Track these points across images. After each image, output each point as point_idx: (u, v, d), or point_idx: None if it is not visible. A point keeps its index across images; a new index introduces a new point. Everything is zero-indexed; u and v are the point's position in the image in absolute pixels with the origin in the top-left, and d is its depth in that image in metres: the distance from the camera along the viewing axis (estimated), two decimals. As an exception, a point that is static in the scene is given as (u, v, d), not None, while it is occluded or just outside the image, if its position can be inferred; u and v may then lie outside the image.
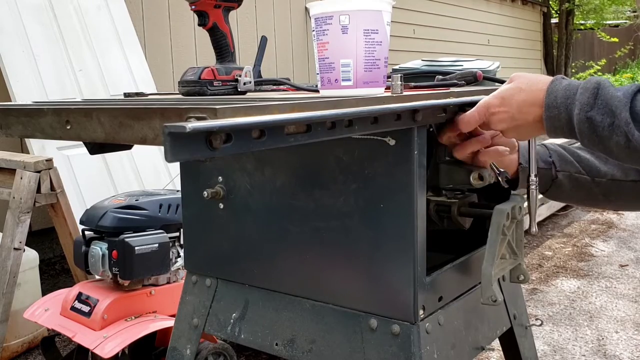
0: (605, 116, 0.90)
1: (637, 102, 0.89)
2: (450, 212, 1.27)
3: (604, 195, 1.20)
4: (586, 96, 0.93)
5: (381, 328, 1.15)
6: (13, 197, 2.44)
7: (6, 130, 1.00)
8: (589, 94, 0.92)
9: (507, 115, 1.03)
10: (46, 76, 3.15)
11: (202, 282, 1.44)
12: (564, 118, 0.95)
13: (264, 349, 1.32)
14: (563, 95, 0.96)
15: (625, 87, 0.91)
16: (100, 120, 0.82)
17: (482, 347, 1.33)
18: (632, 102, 0.89)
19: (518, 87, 1.02)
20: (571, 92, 0.95)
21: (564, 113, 0.95)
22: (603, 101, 0.91)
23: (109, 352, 1.88)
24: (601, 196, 1.21)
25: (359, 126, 0.88)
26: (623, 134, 0.89)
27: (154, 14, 4.35)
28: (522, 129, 1.04)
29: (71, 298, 2.11)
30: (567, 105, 0.95)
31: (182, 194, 1.46)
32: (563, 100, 0.95)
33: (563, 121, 0.95)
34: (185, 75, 1.24)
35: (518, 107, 1.01)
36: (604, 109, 0.90)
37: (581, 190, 1.23)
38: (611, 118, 0.90)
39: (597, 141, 0.92)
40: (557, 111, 0.96)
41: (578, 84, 0.95)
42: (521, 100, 1.01)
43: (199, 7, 1.25)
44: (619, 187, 1.18)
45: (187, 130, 0.62)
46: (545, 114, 0.97)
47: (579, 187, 1.22)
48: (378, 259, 1.14)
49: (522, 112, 1.01)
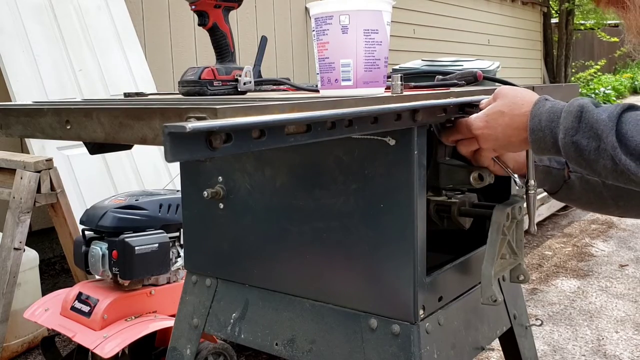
0: (591, 140, 0.89)
1: (623, 124, 0.88)
2: (450, 212, 1.27)
3: (613, 199, 1.20)
4: (570, 120, 0.92)
5: (381, 328, 1.15)
6: (13, 197, 2.44)
7: (6, 130, 1.00)
8: (572, 117, 0.91)
9: (491, 137, 1.04)
10: (46, 76, 3.15)
11: (202, 282, 1.44)
12: (549, 141, 0.95)
13: (264, 349, 1.32)
14: (547, 118, 0.95)
15: (610, 108, 0.90)
16: (100, 120, 0.82)
17: (482, 347, 1.33)
18: (617, 125, 0.88)
19: (500, 110, 1.02)
20: (555, 115, 0.94)
21: (549, 136, 0.95)
22: (587, 125, 0.90)
23: (109, 352, 1.88)
24: (610, 200, 1.20)
25: (359, 126, 0.88)
26: (610, 157, 0.88)
27: (154, 14, 4.35)
28: (509, 148, 1.06)
29: (71, 298, 2.11)
30: (551, 129, 0.94)
31: (182, 194, 1.46)
32: (547, 124, 0.95)
33: (549, 143, 0.95)
34: (185, 75, 1.24)
35: (502, 131, 1.02)
36: (589, 133, 0.90)
37: (591, 193, 1.22)
38: (597, 142, 0.89)
39: (584, 164, 0.92)
40: (542, 134, 0.95)
41: (562, 107, 0.94)
42: (505, 124, 1.01)
43: (199, 7, 1.25)
44: (629, 192, 1.18)
45: (187, 130, 0.62)
46: (531, 137, 0.97)
47: (589, 190, 1.22)
48: (378, 259, 1.14)
49: (507, 135, 1.02)
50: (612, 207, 1.22)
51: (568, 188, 1.23)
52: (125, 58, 3.59)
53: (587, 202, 1.24)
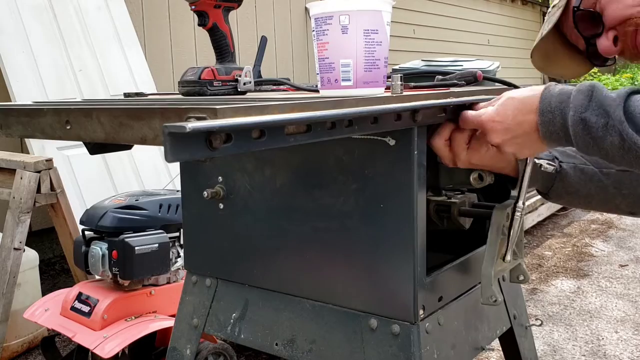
0: (600, 117, 0.91)
1: (631, 102, 0.90)
2: (450, 212, 1.27)
3: (616, 187, 1.16)
4: (580, 98, 0.93)
5: (381, 328, 1.15)
6: (13, 197, 2.44)
7: (6, 130, 1.00)
8: (582, 96, 0.93)
9: (502, 126, 1.02)
10: (46, 76, 3.15)
11: (202, 282, 1.44)
12: (558, 122, 0.95)
13: (264, 349, 1.32)
14: (557, 99, 0.96)
15: (619, 90, 0.92)
16: (100, 120, 0.82)
17: (482, 347, 1.33)
18: (625, 102, 0.90)
19: (510, 96, 1.02)
20: (565, 95, 0.95)
21: (559, 117, 0.95)
22: (597, 102, 0.91)
23: (109, 352, 1.88)
24: (612, 188, 1.17)
25: (359, 126, 0.88)
26: (617, 133, 0.89)
27: (154, 14, 4.35)
28: (518, 140, 1.03)
29: (71, 298, 2.11)
30: (561, 109, 0.95)
31: (182, 194, 1.46)
32: (557, 105, 0.95)
33: (558, 125, 0.95)
34: (185, 75, 1.24)
35: (513, 117, 1.01)
36: (598, 110, 0.91)
37: (590, 184, 1.18)
38: (605, 118, 0.90)
39: (592, 143, 0.92)
40: (551, 115, 0.96)
41: (571, 88, 0.96)
42: (515, 108, 1.01)
43: (199, 7, 1.25)
44: (631, 177, 1.15)
45: (187, 130, 0.62)
46: (540, 119, 0.97)
47: (586, 180, 1.18)
48: (378, 259, 1.14)
49: (517, 121, 1.00)
50: (617, 197, 1.18)
51: (562, 180, 1.19)
52: (125, 58, 3.59)
53: (587, 195, 1.20)
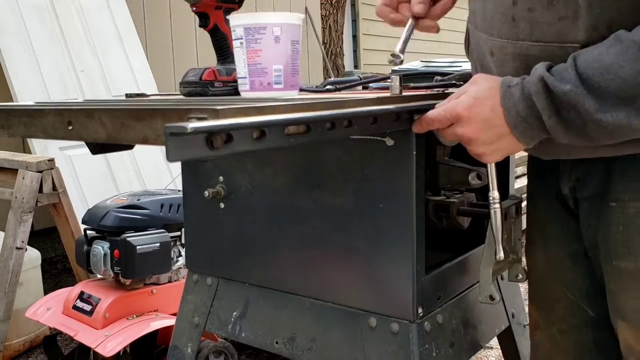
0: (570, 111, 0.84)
1: (589, 78, 0.82)
2: (449, 212, 1.27)
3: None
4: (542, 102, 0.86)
5: (380, 326, 1.15)
6: (15, 196, 2.45)
7: (8, 130, 1.01)
8: (542, 99, 0.86)
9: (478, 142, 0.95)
10: (48, 76, 3.16)
11: (203, 281, 1.45)
12: (536, 127, 0.89)
13: (265, 347, 1.33)
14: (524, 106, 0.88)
15: (566, 75, 0.83)
16: (102, 120, 0.82)
17: (481, 346, 1.34)
18: (585, 86, 0.82)
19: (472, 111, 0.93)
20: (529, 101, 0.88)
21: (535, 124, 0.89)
22: (559, 100, 0.85)
23: (111, 351, 1.89)
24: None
25: (358, 126, 0.88)
26: (595, 122, 0.83)
27: (155, 14, 4.35)
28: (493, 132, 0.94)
29: (73, 297, 2.12)
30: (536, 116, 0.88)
31: (184, 194, 1.47)
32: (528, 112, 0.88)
33: (536, 130, 0.89)
34: (187, 76, 1.25)
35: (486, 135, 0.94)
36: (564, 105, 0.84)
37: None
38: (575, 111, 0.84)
39: (578, 139, 0.87)
40: (526, 125, 0.89)
41: (529, 91, 0.87)
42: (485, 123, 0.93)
43: (200, 8, 1.26)
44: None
45: (189, 131, 0.63)
46: (515, 132, 0.91)
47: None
48: (377, 258, 1.15)
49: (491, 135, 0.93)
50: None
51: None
52: (127, 59, 3.60)
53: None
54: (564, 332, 1.12)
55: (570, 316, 1.11)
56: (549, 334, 1.15)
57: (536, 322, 1.18)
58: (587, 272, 1.07)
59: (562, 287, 1.10)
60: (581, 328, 1.10)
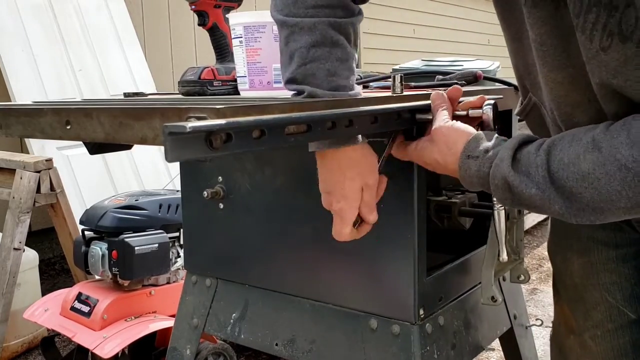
0: (533, 208, 0.85)
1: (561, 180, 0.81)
2: (451, 212, 1.27)
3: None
4: (501, 194, 0.87)
5: (381, 328, 1.15)
6: (13, 197, 2.44)
7: (6, 130, 1.00)
8: (501, 192, 0.86)
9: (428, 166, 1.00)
10: (46, 76, 3.15)
11: (202, 282, 1.44)
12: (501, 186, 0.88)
13: (264, 349, 1.32)
14: (478, 183, 0.89)
15: (535, 173, 0.82)
16: (100, 120, 0.81)
17: (482, 347, 1.33)
18: (554, 186, 0.81)
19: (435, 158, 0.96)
20: (486, 183, 0.88)
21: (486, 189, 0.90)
22: (522, 200, 0.84)
23: (109, 352, 1.88)
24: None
25: (359, 126, 0.87)
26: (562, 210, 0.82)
27: (153, 13, 4.35)
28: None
29: (71, 298, 2.11)
30: (489, 189, 0.89)
31: (182, 194, 1.46)
32: (482, 184, 0.89)
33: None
34: (185, 75, 1.24)
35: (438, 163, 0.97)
36: (527, 205, 0.85)
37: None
38: (536, 209, 0.84)
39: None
40: (481, 187, 0.90)
41: (486, 174, 0.87)
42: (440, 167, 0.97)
43: (199, 7, 1.25)
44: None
45: (187, 130, 0.62)
46: (472, 189, 0.93)
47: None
48: (378, 259, 1.14)
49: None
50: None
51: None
52: (125, 58, 3.60)
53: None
54: (598, 338, 1.11)
55: (608, 321, 1.09)
56: (582, 339, 1.13)
57: (571, 326, 1.15)
58: (633, 273, 1.06)
59: (601, 291, 1.09)
60: (618, 332, 1.09)
